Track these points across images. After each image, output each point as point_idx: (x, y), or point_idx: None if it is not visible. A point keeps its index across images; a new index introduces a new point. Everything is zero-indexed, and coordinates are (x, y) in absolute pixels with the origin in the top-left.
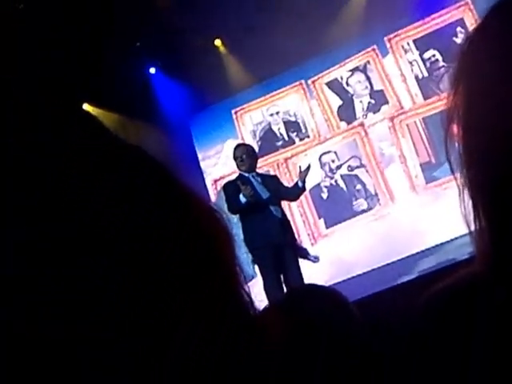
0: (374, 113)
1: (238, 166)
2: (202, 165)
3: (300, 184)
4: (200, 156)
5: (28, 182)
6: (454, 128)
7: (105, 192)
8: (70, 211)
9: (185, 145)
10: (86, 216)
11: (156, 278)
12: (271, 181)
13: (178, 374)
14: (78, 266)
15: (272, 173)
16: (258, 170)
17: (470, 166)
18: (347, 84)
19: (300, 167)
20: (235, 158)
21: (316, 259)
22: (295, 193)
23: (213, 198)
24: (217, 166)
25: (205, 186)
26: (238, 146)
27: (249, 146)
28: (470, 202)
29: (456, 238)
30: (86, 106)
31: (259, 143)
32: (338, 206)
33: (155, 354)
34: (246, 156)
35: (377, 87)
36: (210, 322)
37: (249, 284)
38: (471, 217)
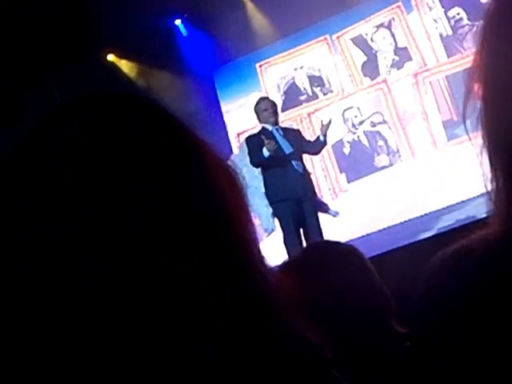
0: (398, 69)
1: (262, 118)
2: (226, 117)
3: (321, 138)
4: (224, 109)
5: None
6: (476, 87)
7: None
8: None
9: (209, 97)
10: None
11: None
12: (293, 134)
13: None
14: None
15: (295, 127)
16: (281, 125)
17: (490, 126)
18: (372, 40)
19: (322, 121)
20: (261, 110)
21: (336, 214)
22: (316, 147)
23: (235, 150)
24: (240, 119)
25: (228, 138)
26: (263, 98)
27: (272, 100)
28: (488, 162)
29: (477, 196)
30: (111, 57)
31: (283, 97)
32: (359, 162)
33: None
34: (271, 109)
35: (401, 44)
36: (220, 296)
37: (269, 237)
38: (489, 176)
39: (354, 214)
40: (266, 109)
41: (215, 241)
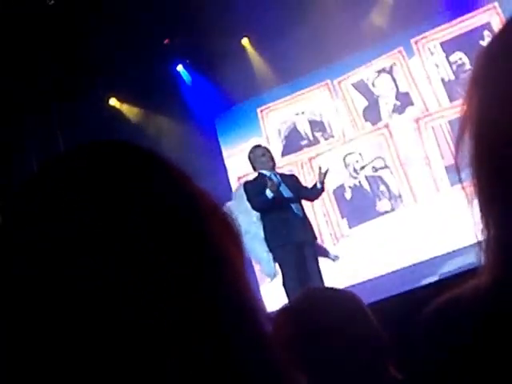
0: (400, 114)
1: (259, 164)
2: (227, 162)
3: (319, 185)
4: (225, 153)
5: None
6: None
7: (109, 195)
8: (69, 210)
9: (210, 142)
10: (86, 216)
11: (158, 280)
12: (290, 180)
13: (178, 375)
14: (79, 266)
15: (296, 172)
16: (281, 170)
17: (479, 175)
18: (373, 85)
19: (320, 168)
20: (258, 156)
21: (336, 258)
22: (314, 193)
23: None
24: (241, 163)
25: (228, 182)
26: (257, 146)
27: (266, 147)
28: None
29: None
30: (113, 101)
31: (284, 142)
32: (361, 207)
33: (158, 356)
34: (268, 154)
35: (402, 89)
36: (212, 330)
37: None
38: (480, 226)
39: (355, 260)
40: (262, 154)
41: (211, 286)
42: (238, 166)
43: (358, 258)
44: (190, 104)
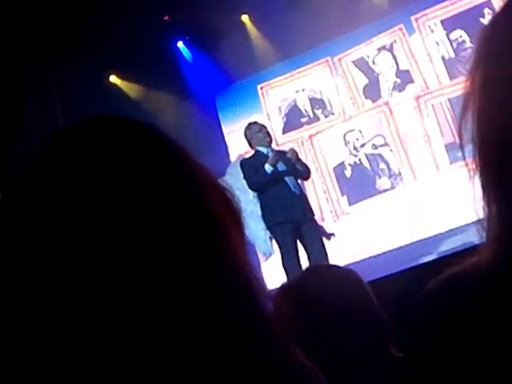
0: (400, 92)
1: (256, 141)
2: (227, 139)
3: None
4: (225, 130)
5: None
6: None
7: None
8: (78, 186)
9: (210, 119)
10: (92, 190)
11: (160, 250)
12: (287, 157)
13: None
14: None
15: (296, 149)
16: (282, 148)
17: (482, 152)
18: (373, 62)
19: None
20: (254, 133)
21: (331, 235)
22: (309, 171)
23: None
24: (241, 140)
25: (229, 159)
26: (253, 123)
27: (262, 123)
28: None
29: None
30: (112, 78)
31: (284, 119)
32: (361, 185)
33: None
34: (264, 130)
35: (403, 67)
36: (215, 313)
37: (268, 261)
38: (481, 203)
39: (354, 238)
40: (259, 130)
41: (211, 265)
42: (238, 143)
43: (358, 236)
44: (190, 81)
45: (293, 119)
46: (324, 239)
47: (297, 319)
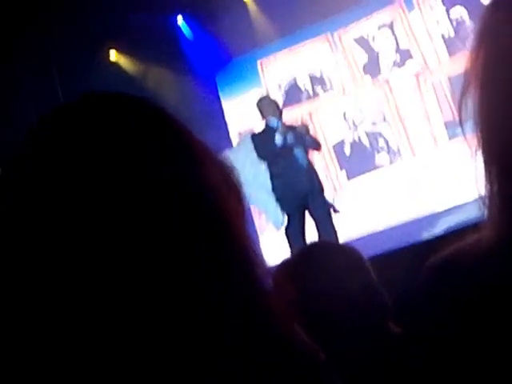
0: (400, 69)
1: (266, 112)
2: (227, 115)
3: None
4: (225, 105)
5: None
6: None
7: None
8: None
9: (210, 96)
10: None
11: (160, 238)
12: (296, 130)
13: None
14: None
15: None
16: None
17: (485, 129)
18: (373, 40)
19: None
20: (265, 105)
21: (337, 210)
22: (318, 144)
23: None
24: (241, 117)
25: (229, 136)
26: (266, 96)
27: (274, 99)
28: (482, 166)
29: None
30: (113, 54)
31: (284, 96)
32: (360, 161)
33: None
34: (275, 103)
35: (402, 44)
36: (216, 292)
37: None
38: (482, 181)
39: (353, 214)
40: (270, 102)
41: (211, 240)
42: (238, 119)
43: (357, 213)
44: (190, 57)
45: (292, 95)
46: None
47: (296, 296)
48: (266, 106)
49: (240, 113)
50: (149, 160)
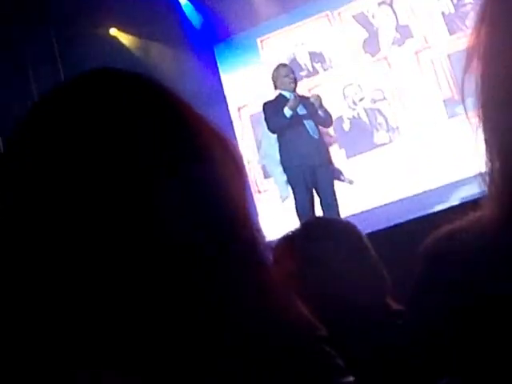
0: (399, 46)
1: (281, 84)
2: (226, 92)
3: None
4: (224, 84)
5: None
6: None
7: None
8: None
9: (209, 72)
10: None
11: (158, 213)
12: (310, 103)
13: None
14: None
15: None
16: None
17: (487, 104)
18: (373, 17)
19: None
20: (281, 76)
21: (351, 182)
22: (330, 118)
23: (236, 125)
24: (240, 92)
25: (228, 112)
26: (284, 65)
27: (291, 67)
28: (483, 143)
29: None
30: (113, 30)
31: None
32: (359, 138)
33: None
34: (291, 75)
35: (402, 21)
36: (213, 263)
37: (284, 204)
38: (483, 158)
39: (351, 191)
40: (286, 75)
41: (212, 215)
42: (237, 95)
43: (355, 190)
44: (190, 33)
45: None
46: (342, 183)
47: (296, 271)
48: (282, 77)
49: (239, 88)
50: (149, 136)
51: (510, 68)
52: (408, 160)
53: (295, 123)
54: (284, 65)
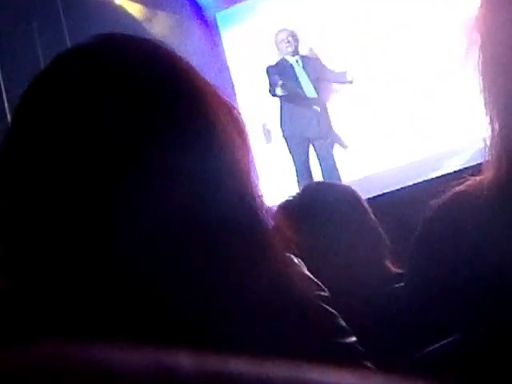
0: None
1: (279, 49)
2: (229, 59)
3: (349, 77)
4: (226, 51)
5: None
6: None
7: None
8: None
9: (211, 39)
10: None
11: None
12: (313, 64)
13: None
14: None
15: None
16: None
17: (486, 73)
18: None
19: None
20: (277, 43)
21: (346, 147)
22: (340, 81)
23: (238, 93)
24: (243, 61)
25: (230, 79)
26: (281, 30)
27: (290, 30)
28: (484, 107)
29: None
30: None
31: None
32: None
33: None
34: (291, 38)
35: None
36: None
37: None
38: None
39: (353, 156)
40: (282, 40)
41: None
42: (239, 63)
43: (355, 156)
44: (192, 1)
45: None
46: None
47: (296, 236)
48: (279, 43)
49: (242, 58)
50: (161, 100)
51: (508, 38)
52: (407, 127)
53: (294, 95)
54: (282, 29)
